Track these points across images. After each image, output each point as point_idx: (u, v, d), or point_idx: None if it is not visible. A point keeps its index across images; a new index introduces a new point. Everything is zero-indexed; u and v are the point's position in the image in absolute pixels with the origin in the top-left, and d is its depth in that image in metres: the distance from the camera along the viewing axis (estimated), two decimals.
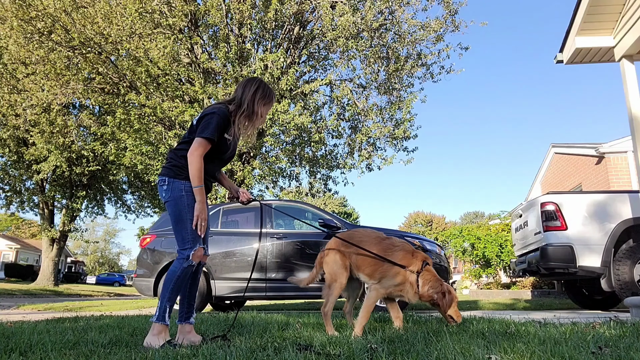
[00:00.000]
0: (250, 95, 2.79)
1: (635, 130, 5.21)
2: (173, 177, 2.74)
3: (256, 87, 2.82)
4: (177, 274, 2.67)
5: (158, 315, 2.62)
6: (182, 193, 2.70)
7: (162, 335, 2.61)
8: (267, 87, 2.87)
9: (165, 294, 2.65)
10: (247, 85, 2.83)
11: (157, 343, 2.55)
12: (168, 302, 2.64)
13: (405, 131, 12.89)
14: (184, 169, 2.73)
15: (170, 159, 2.82)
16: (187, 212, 2.69)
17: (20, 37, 11.60)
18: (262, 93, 2.82)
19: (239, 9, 11.04)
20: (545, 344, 2.28)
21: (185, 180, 2.71)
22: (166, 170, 2.78)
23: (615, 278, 5.81)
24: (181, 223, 2.70)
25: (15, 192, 22.30)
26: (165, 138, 11.82)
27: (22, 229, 53.80)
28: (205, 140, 2.67)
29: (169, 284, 2.66)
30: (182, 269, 2.67)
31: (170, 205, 2.74)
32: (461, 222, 51.65)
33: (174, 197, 2.71)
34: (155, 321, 2.62)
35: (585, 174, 13.55)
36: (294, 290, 6.31)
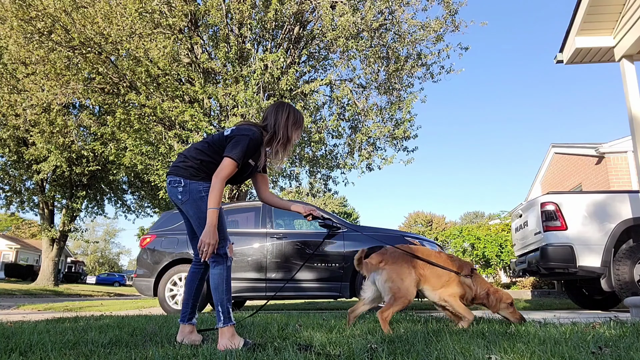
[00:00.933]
0: (284, 122, 2.78)
1: (635, 130, 5.21)
2: (188, 177, 2.67)
3: (287, 113, 2.82)
4: (225, 275, 2.60)
5: (224, 318, 2.54)
6: (202, 194, 2.64)
7: (236, 335, 2.54)
8: (297, 112, 2.88)
9: (222, 297, 2.57)
10: (278, 112, 2.81)
11: (237, 343, 2.47)
12: (228, 303, 2.59)
13: (405, 131, 12.89)
14: (200, 171, 2.68)
15: (185, 159, 2.75)
16: None
17: (20, 37, 11.60)
18: (294, 118, 2.83)
19: (239, 9, 11.04)
20: (545, 344, 2.28)
21: (203, 181, 2.67)
22: (181, 171, 2.71)
23: (615, 278, 5.81)
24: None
25: (15, 192, 22.30)
26: (165, 138, 11.82)
27: (22, 229, 53.80)
28: (234, 163, 2.62)
29: (221, 287, 2.58)
30: (227, 268, 2.62)
31: (189, 206, 2.66)
32: (461, 222, 51.65)
33: (193, 198, 2.65)
34: (224, 325, 2.54)
35: (585, 174, 13.55)
36: (294, 290, 6.31)
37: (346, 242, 6.28)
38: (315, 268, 6.26)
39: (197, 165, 2.70)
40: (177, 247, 6.56)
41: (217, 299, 2.59)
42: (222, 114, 11.88)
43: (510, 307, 3.30)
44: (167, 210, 8.99)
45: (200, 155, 2.73)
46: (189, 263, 6.55)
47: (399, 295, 3.05)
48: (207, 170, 2.70)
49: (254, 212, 6.77)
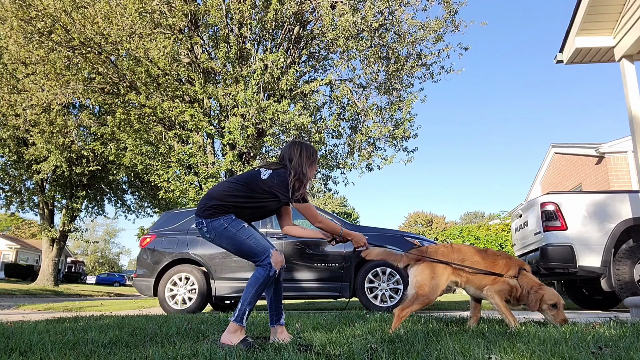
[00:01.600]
0: (297, 160, 2.91)
1: (635, 130, 5.21)
2: (209, 218, 2.80)
3: (299, 150, 2.94)
4: (260, 281, 2.69)
5: (237, 316, 2.65)
6: (225, 225, 2.78)
7: (238, 333, 2.63)
8: (310, 148, 3.01)
9: (246, 298, 2.67)
10: (292, 152, 2.95)
11: (234, 341, 2.57)
12: (249, 306, 2.67)
13: (405, 131, 12.90)
14: (223, 211, 2.80)
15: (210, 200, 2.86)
16: (240, 234, 2.76)
17: (20, 37, 11.60)
18: (307, 155, 2.95)
19: (239, 9, 11.04)
20: (545, 344, 2.28)
21: (221, 216, 2.80)
22: (201, 213, 2.85)
23: (615, 278, 5.81)
24: (242, 246, 2.76)
25: (15, 192, 22.29)
26: (165, 138, 11.82)
27: (22, 229, 53.79)
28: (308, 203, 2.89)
29: (251, 289, 2.68)
30: (266, 277, 2.70)
31: (219, 240, 2.81)
32: (461, 222, 51.66)
33: (219, 233, 2.79)
34: (234, 321, 2.65)
35: (585, 174, 13.55)
36: (294, 290, 6.32)
37: (346, 243, 6.28)
38: (316, 268, 6.27)
39: (224, 206, 2.81)
40: (177, 247, 6.56)
41: (243, 297, 2.70)
42: (222, 114, 11.89)
43: (553, 308, 3.05)
44: (167, 210, 9.00)
45: (234, 198, 2.84)
46: (189, 263, 6.56)
47: (421, 293, 3.01)
48: (234, 209, 2.83)
49: None
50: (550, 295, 3.03)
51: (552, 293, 3.04)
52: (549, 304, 3.03)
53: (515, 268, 3.16)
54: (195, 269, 6.46)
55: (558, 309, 3.04)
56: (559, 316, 3.04)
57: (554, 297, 3.03)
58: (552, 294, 3.04)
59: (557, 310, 3.04)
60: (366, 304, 6.02)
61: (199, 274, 6.40)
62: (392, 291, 6.03)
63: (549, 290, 3.04)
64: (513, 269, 3.16)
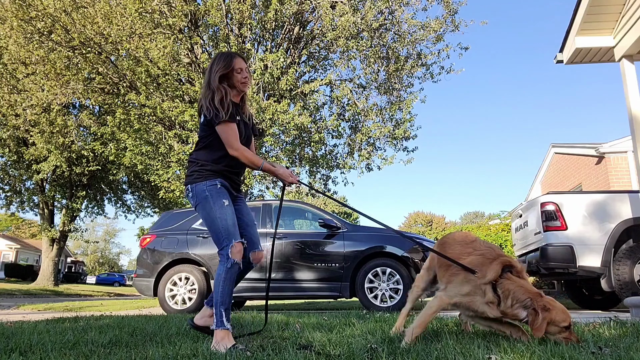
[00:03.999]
0: (207, 75, 2.71)
1: (635, 130, 5.21)
2: (193, 182, 2.70)
3: (210, 65, 2.75)
4: (222, 277, 2.56)
5: (216, 322, 2.52)
6: (206, 193, 2.65)
7: (226, 340, 2.47)
8: (219, 55, 2.75)
9: (217, 299, 2.54)
10: (207, 71, 2.76)
11: (223, 348, 2.40)
12: (222, 306, 2.53)
13: (405, 131, 12.90)
14: (200, 171, 2.70)
15: (189, 164, 2.81)
16: (216, 210, 2.62)
17: (20, 37, 11.60)
18: (216, 63, 2.71)
19: (239, 9, 11.04)
20: (545, 344, 2.28)
21: (205, 180, 2.68)
22: (187, 179, 2.75)
23: (615, 278, 5.81)
24: (212, 223, 2.62)
25: (15, 192, 22.29)
26: (165, 138, 11.82)
27: (22, 229, 53.76)
28: (226, 122, 2.61)
29: (218, 288, 2.56)
30: (226, 270, 2.56)
31: (199, 209, 2.69)
32: (461, 222, 51.63)
33: (200, 200, 2.67)
34: (216, 328, 2.52)
35: (585, 174, 13.55)
36: (294, 290, 6.32)
37: (346, 242, 6.29)
38: (316, 268, 6.26)
39: (195, 167, 2.73)
40: (177, 247, 6.56)
41: (214, 300, 2.58)
42: None
43: (565, 331, 2.27)
44: (167, 210, 8.99)
45: (193, 156, 2.77)
46: (189, 263, 6.56)
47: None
48: (208, 164, 2.70)
49: (254, 212, 6.77)
50: (561, 315, 2.25)
51: (562, 311, 2.28)
52: (561, 327, 2.25)
53: (495, 268, 2.32)
54: (195, 269, 6.46)
55: (570, 331, 2.30)
56: (572, 338, 2.29)
57: (566, 317, 2.27)
58: (563, 312, 2.27)
59: (568, 332, 2.30)
60: (366, 304, 6.02)
61: (199, 274, 6.40)
62: (392, 291, 6.03)
63: (557, 307, 2.28)
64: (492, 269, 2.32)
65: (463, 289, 2.37)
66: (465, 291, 2.36)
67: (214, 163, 2.70)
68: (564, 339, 2.27)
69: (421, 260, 6.19)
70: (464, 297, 2.36)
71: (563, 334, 2.28)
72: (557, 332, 2.28)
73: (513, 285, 2.28)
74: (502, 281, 2.30)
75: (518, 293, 2.26)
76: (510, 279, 2.31)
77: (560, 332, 2.28)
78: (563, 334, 2.28)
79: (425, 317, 2.39)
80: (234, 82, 2.71)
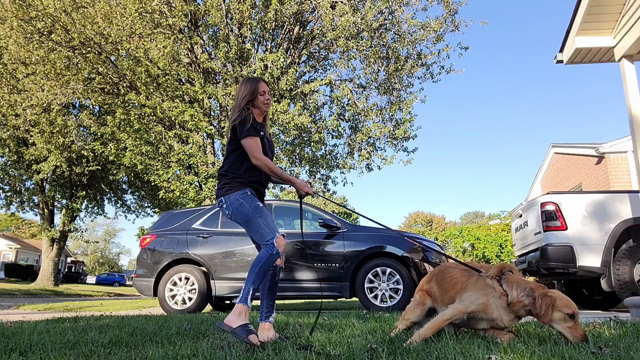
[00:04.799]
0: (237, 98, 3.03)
1: (635, 130, 5.21)
2: (225, 194, 2.90)
3: (238, 89, 3.07)
4: (263, 260, 2.73)
5: (241, 296, 2.69)
6: (240, 201, 2.86)
7: (243, 316, 2.65)
8: (246, 80, 3.07)
9: (250, 277, 2.71)
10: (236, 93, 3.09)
11: (236, 323, 2.60)
12: (252, 285, 2.70)
13: (405, 131, 12.90)
14: (231, 183, 2.90)
15: (219, 180, 3.00)
16: (252, 212, 2.83)
17: (20, 37, 11.60)
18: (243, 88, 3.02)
19: (239, 9, 11.04)
20: (545, 344, 2.28)
21: (237, 190, 2.88)
22: (219, 191, 2.96)
23: (615, 278, 5.81)
24: (252, 223, 2.82)
25: (15, 192, 22.29)
26: (165, 138, 11.82)
27: (22, 229, 53.76)
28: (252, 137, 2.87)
29: (255, 268, 2.72)
30: (269, 255, 2.74)
31: (236, 217, 2.89)
32: (461, 222, 51.63)
33: (235, 208, 2.87)
34: (238, 302, 2.68)
35: (585, 174, 13.55)
36: (294, 290, 6.32)
37: (346, 242, 6.29)
38: (316, 268, 6.26)
39: (227, 179, 2.93)
40: (177, 247, 6.56)
41: (247, 278, 2.73)
42: (222, 114, 11.89)
43: (570, 319, 2.29)
44: (167, 210, 8.99)
45: (226, 166, 2.98)
46: (189, 263, 6.56)
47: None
48: (238, 176, 2.92)
49: None
50: (564, 301, 2.31)
51: (565, 298, 2.33)
52: (565, 313, 2.28)
53: (496, 267, 2.54)
54: (195, 269, 6.46)
55: (575, 321, 2.29)
56: (577, 331, 2.27)
57: (570, 305, 2.30)
58: (565, 299, 2.33)
59: (574, 322, 2.28)
60: (366, 304, 6.02)
61: (199, 274, 6.40)
62: (392, 291, 6.03)
63: (559, 295, 2.34)
64: (494, 267, 2.55)
65: (476, 297, 2.46)
66: (478, 299, 2.45)
67: (242, 175, 2.93)
68: (569, 329, 2.27)
69: (421, 261, 6.20)
70: (479, 305, 2.45)
71: (568, 323, 2.28)
72: (562, 320, 2.29)
73: (515, 278, 2.47)
74: (504, 277, 2.48)
75: (521, 283, 2.43)
76: (511, 275, 2.50)
77: (564, 319, 2.29)
78: (568, 322, 2.28)
79: (437, 323, 2.45)
80: (257, 103, 3.01)
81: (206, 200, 11.39)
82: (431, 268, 6.17)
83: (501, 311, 2.42)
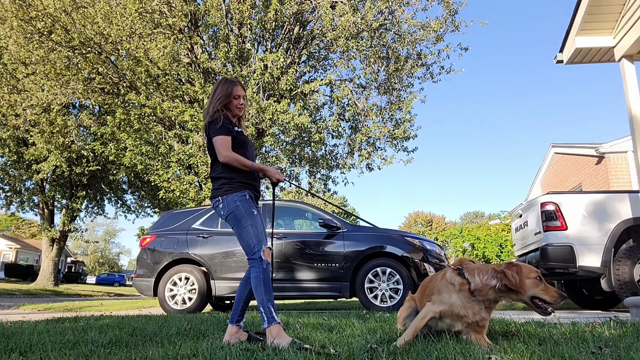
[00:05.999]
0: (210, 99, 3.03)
1: (635, 130, 5.21)
2: (224, 194, 2.88)
3: (212, 91, 3.05)
4: (261, 278, 2.74)
5: (267, 319, 2.65)
6: (237, 203, 2.84)
7: (282, 333, 2.62)
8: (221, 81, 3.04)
9: (262, 298, 2.70)
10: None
11: (287, 340, 2.52)
12: (269, 303, 2.70)
13: (405, 131, 12.90)
14: (230, 183, 2.88)
15: (214, 182, 2.97)
16: (246, 218, 2.81)
17: (20, 37, 11.60)
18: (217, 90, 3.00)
19: (239, 9, 11.04)
20: (545, 344, 2.28)
21: (236, 192, 2.86)
22: (216, 192, 2.93)
23: (615, 278, 5.80)
24: (243, 230, 2.82)
25: (15, 192, 22.29)
26: (165, 138, 11.82)
27: (22, 229, 53.75)
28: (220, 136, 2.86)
29: (259, 289, 2.72)
30: (262, 271, 2.75)
31: (230, 219, 2.88)
32: (461, 222, 51.64)
33: (230, 209, 2.85)
34: (269, 325, 2.64)
35: (585, 174, 13.55)
36: (294, 290, 6.32)
37: (346, 242, 6.29)
38: (316, 268, 6.26)
39: (225, 180, 2.90)
40: (177, 247, 6.56)
41: (258, 301, 2.71)
42: None
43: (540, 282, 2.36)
44: (167, 210, 8.99)
45: (218, 170, 2.95)
46: (189, 263, 6.56)
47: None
48: (236, 177, 2.89)
49: None
50: (528, 267, 2.40)
51: (527, 265, 2.43)
52: (533, 278, 2.35)
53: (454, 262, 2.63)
54: (195, 269, 6.46)
55: (544, 283, 2.38)
56: (551, 291, 2.34)
57: (533, 269, 2.40)
58: (528, 265, 2.42)
59: (543, 284, 2.37)
60: (366, 304, 6.02)
61: (199, 274, 6.40)
62: (392, 291, 6.03)
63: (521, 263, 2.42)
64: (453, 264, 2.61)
65: (442, 297, 2.48)
66: (444, 298, 2.47)
67: (239, 176, 2.91)
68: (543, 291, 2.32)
69: (421, 260, 6.19)
70: (445, 304, 2.46)
71: (540, 287, 2.33)
72: (535, 285, 2.34)
73: (476, 266, 2.49)
74: (465, 267, 2.49)
75: (482, 268, 2.44)
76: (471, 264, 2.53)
77: (536, 285, 2.34)
78: (540, 286, 2.34)
79: (415, 324, 2.47)
80: (231, 107, 2.99)
81: (206, 200, 11.40)
82: (431, 268, 6.17)
83: (466, 305, 2.39)
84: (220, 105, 2.94)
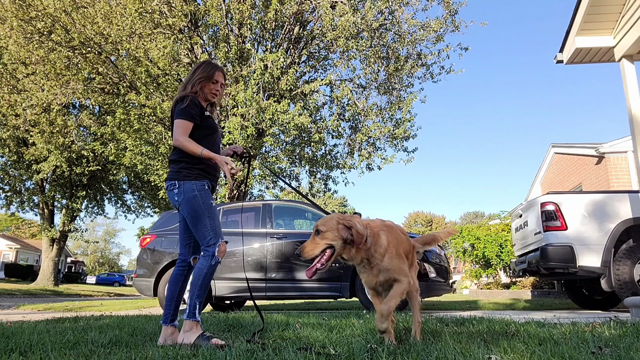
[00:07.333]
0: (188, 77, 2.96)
1: (635, 130, 5.21)
2: (182, 179, 2.78)
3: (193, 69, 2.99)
4: (205, 272, 2.70)
5: (188, 312, 2.67)
6: (195, 193, 2.76)
7: (194, 330, 2.65)
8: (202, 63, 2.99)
9: (194, 292, 2.69)
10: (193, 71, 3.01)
11: (191, 338, 2.62)
12: (197, 299, 2.69)
13: (405, 131, 12.90)
14: (190, 169, 2.79)
15: (173, 164, 2.88)
16: (203, 209, 2.74)
17: (20, 37, 11.60)
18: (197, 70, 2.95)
19: (239, 9, 11.04)
20: (545, 344, 2.28)
21: (195, 180, 2.78)
22: (174, 175, 2.83)
23: (615, 278, 5.80)
24: (200, 221, 2.74)
25: (15, 192, 22.29)
26: (165, 138, 11.82)
27: (22, 229, 53.76)
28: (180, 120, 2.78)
29: (197, 282, 2.69)
30: (209, 266, 2.70)
31: (184, 207, 2.78)
32: (461, 222, 51.63)
33: (187, 198, 2.76)
34: (186, 318, 2.67)
35: (585, 174, 13.55)
36: (294, 290, 6.31)
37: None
38: None
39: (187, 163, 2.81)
40: (177, 247, 6.55)
41: (190, 293, 2.70)
42: (222, 114, 11.88)
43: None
44: (167, 210, 8.99)
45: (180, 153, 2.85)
46: None
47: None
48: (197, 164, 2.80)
49: (253, 212, 6.77)
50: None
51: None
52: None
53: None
54: None
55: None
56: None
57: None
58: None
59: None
60: (366, 304, 6.01)
61: None
62: None
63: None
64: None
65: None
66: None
67: (201, 163, 2.81)
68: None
69: (421, 260, 6.19)
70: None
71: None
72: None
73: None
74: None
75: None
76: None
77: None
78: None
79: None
80: (206, 89, 2.92)
81: None
82: (431, 268, 6.16)
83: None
84: (199, 86, 2.88)
